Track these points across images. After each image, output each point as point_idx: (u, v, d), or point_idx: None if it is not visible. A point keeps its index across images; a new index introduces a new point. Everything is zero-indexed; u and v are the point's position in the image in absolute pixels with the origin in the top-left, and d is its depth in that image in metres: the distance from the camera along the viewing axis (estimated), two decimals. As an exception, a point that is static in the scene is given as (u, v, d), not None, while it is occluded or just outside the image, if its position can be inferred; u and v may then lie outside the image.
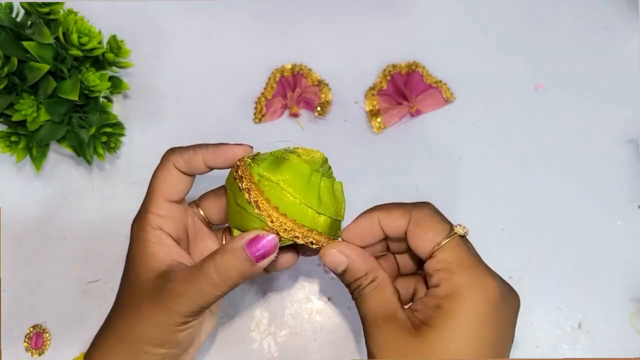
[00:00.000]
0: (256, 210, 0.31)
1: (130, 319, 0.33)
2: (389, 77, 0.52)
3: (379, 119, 0.50)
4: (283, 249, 0.37)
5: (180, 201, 0.37)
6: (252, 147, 0.35)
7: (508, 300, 0.30)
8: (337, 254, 0.32)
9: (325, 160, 0.35)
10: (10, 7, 0.43)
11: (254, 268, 0.31)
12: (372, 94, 0.51)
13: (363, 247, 0.34)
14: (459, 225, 0.31)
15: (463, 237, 0.31)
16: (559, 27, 0.54)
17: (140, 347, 0.32)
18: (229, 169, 0.35)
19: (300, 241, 0.32)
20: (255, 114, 0.51)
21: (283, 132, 0.51)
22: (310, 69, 0.53)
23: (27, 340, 0.45)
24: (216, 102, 0.52)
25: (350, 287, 0.33)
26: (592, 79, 0.52)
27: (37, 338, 0.45)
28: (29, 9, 0.43)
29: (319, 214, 0.32)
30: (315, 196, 0.32)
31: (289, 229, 0.31)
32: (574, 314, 0.45)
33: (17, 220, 0.48)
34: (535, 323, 0.45)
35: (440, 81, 0.52)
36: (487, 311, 0.28)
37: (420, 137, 0.50)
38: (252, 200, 0.31)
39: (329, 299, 0.46)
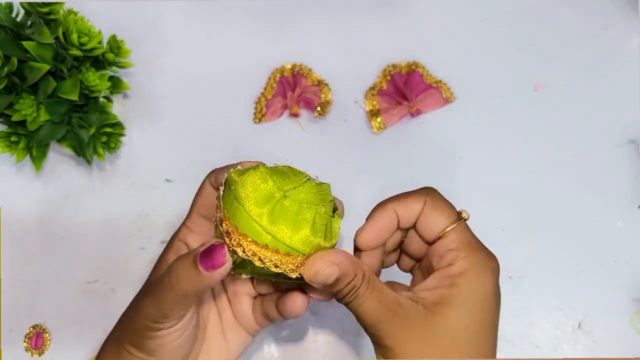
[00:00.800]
0: (216, 213, 0.31)
1: (123, 317, 0.35)
2: (389, 77, 0.52)
3: (379, 119, 0.50)
4: (291, 290, 0.34)
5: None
6: (263, 164, 0.34)
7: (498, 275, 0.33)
8: (329, 267, 0.29)
9: (316, 188, 0.31)
10: (10, 7, 0.43)
11: (202, 277, 0.29)
12: (372, 94, 0.51)
13: (376, 247, 0.33)
14: (463, 210, 0.33)
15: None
16: (559, 27, 0.54)
17: (122, 345, 0.32)
18: None
19: (256, 261, 0.29)
20: (255, 114, 0.51)
21: (283, 132, 0.51)
22: (310, 69, 0.53)
23: (27, 340, 0.45)
24: (216, 102, 0.52)
25: (341, 293, 0.31)
26: (592, 79, 0.52)
27: (37, 338, 0.45)
28: (29, 9, 0.43)
29: (267, 233, 0.29)
30: (265, 215, 0.29)
31: (235, 243, 0.29)
32: (574, 314, 0.45)
33: (17, 220, 0.48)
34: (535, 323, 0.45)
35: (440, 81, 0.52)
36: (494, 287, 0.32)
37: (420, 137, 0.50)
38: (217, 202, 0.31)
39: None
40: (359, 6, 0.55)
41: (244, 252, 0.29)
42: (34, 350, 0.44)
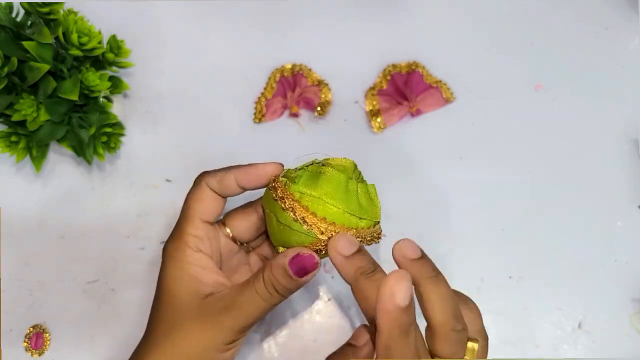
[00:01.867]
0: (304, 227, 0.32)
1: (176, 339, 0.33)
2: (389, 77, 0.52)
3: (379, 119, 0.50)
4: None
5: (212, 222, 0.37)
6: (282, 165, 0.35)
7: None
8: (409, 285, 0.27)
9: (355, 166, 0.35)
10: (10, 7, 0.43)
11: (297, 283, 0.32)
12: (372, 94, 0.51)
13: None
14: None
15: None
16: (559, 26, 0.54)
17: None
18: (264, 189, 0.35)
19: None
20: (255, 114, 0.51)
21: (283, 132, 0.51)
22: (310, 69, 0.53)
23: (27, 340, 0.45)
24: (216, 102, 0.52)
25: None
26: (593, 78, 0.52)
27: (37, 338, 0.45)
28: (29, 9, 0.43)
29: (361, 219, 0.33)
30: (355, 203, 0.32)
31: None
32: (574, 314, 0.45)
33: (17, 220, 0.48)
34: (535, 323, 0.45)
35: (440, 81, 0.52)
36: None
37: (420, 137, 0.50)
38: (298, 217, 0.32)
39: (329, 299, 0.46)
40: (359, 6, 0.55)
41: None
42: (34, 351, 0.44)
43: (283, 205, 0.32)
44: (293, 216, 0.32)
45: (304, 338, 0.45)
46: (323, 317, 0.45)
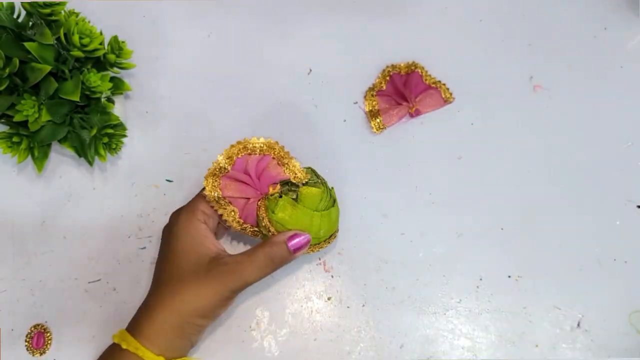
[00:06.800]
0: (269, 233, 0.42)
1: (180, 294, 0.38)
2: (388, 78, 0.52)
3: (378, 119, 0.50)
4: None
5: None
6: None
7: None
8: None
9: (324, 189, 0.42)
10: (11, 8, 0.43)
11: (291, 257, 0.40)
12: (372, 95, 0.51)
13: None
14: None
15: None
16: (558, 27, 0.54)
17: (186, 318, 0.38)
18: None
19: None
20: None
21: (285, 132, 0.51)
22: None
23: (28, 339, 0.45)
24: (217, 102, 0.52)
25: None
26: (592, 78, 0.52)
27: (38, 338, 0.45)
28: (31, 10, 0.43)
29: (317, 244, 0.43)
30: (316, 232, 0.42)
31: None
32: (573, 313, 0.45)
33: (19, 220, 0.48)
34: (535, 322, 0.45)
35: (440, 81, 0.52)
36: None
37: (420, 137, 0.50)
38: (270, 232, 0.42)
39: (328, 298, 0.46)
40: (358, 6, 0.55)
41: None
42: (35, 350, 0.45)
43: (263, 223, 0.41)
44: (267, 231, 0.42)
45: (304, 337, 0.45)
46: (322, 316, 0.45)
